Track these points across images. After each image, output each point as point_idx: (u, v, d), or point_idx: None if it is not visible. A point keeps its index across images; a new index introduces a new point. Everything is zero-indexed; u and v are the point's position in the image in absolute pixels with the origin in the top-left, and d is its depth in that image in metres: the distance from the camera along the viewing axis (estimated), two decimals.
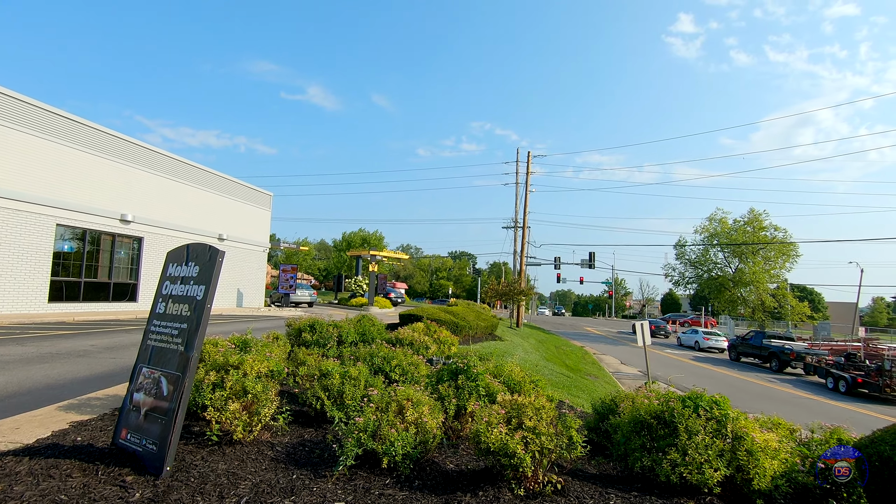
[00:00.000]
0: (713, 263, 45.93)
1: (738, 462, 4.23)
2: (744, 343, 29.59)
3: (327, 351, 8.62)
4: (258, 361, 5.28)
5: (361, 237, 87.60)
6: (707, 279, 46.00)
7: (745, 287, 43.11)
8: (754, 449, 4.22)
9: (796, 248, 42.00)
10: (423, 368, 7.17)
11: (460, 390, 5.70)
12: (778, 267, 42.64)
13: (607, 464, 5.02)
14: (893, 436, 3.95)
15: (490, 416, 4.16)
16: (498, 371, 6.63)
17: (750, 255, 42.50)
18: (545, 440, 3.92)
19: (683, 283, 49.44)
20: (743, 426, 4.44)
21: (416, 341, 9.59)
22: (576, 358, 23.37)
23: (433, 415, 4.51)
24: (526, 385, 6.31)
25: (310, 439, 5.07)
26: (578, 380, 15.62)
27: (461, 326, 16.93)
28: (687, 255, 47.65)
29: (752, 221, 42.90)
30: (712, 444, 4.27)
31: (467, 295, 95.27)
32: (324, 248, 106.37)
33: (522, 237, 35.38)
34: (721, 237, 44.33)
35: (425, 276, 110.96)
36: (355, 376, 5.67)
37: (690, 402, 4.63)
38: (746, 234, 42.58)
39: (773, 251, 41.98)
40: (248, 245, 31.09)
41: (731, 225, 44.14)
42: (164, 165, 24.48)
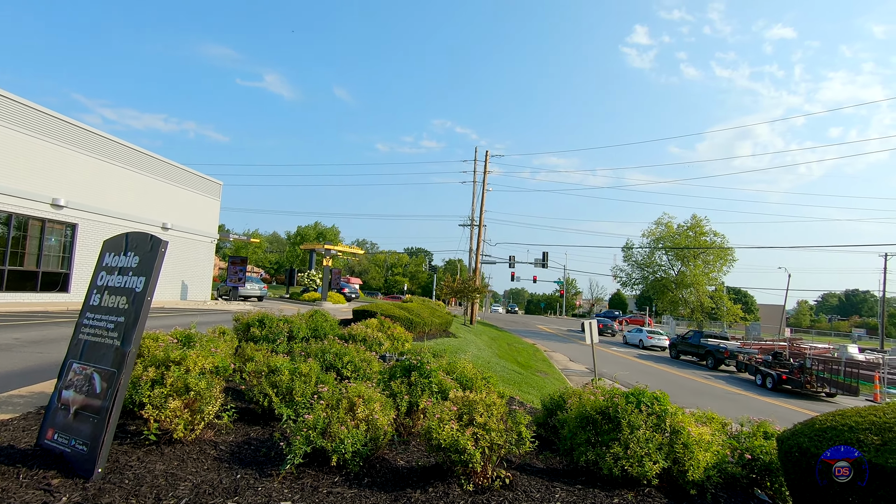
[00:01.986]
0: (658, 266, 48.15)
1: (675, 455, 4.46)
2: (683, 342, 31.20)
3: (277, 347, 8.39)
4: (202, 357, 5.06)
5: (316, 231, 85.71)
6: (652, 281, 48.16)
7: (686, 289, 45.48)
8: (690, 442, 4.46)
9: (732, 253, 44.74)
10: (375, 365, 7.11)
11: (413, 387, 5.70)
12: (716, 270, 45.27)
13: (554, 458, 5.17)
14: (811, 429, 4.27)
15: (442, 412, 4.18)
16: (451, 368, 6.67)
17: (691, 258, 44.87)
18: (495, 436, 3.98)
19: (630, 284, 51.54)
20: (680, 421, 4.69)
21: (369, 337, 9.49)
22: (527, 355, 23.88)
23: (385, 412, 4.48)
24: (478, 382, 6.40)
25: (256, 438, 4.92)
26: (529, 376, 15.97)
27: (415, 323, 16.91)
28: (634, 258, 49.72)
29: (694, 227, 45.28)
30: (652, 438, 4.48)
31: (423, 291, 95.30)
32: (276, 241, 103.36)
33: (478, 235, 35.76)
34: (666, 241, 46.53)
35: (381, 271, 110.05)
36: (306, 373, 5.55)
37: (633, 398, 4.84)
38: (689, 239, 44.91)
39: (712, 255, 44.51)
40: (194, 235, 29.73)
41: (676, 229, 46.40)
42: (104, 148, 22.97)
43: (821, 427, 4.22)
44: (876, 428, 3.83)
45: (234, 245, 76.80)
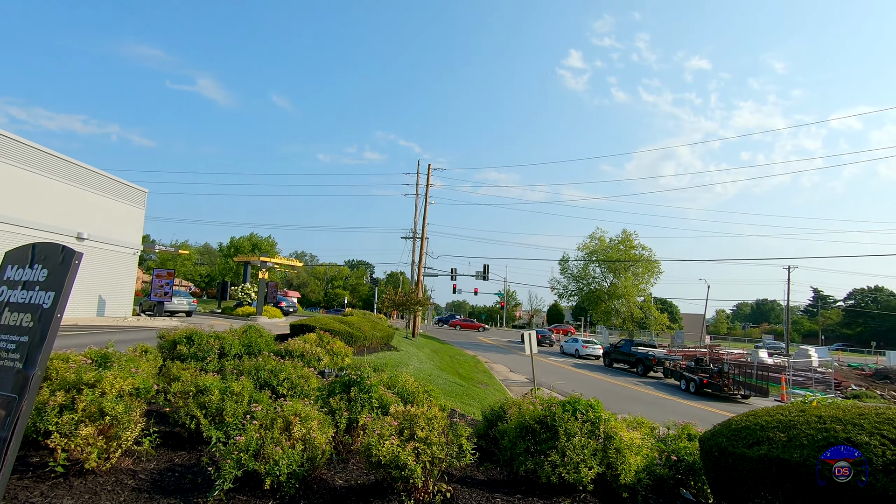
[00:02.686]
0: (592, 278, 50.35)
1: (608, 460, 4.65)
2: (616, 350, 32.70)
3: (206, 365, 7.91)
4: (121, 378, 4.68)
5: (252, 242, 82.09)
6: (587, 292, 50.25)
7: (618, 300, 47.84)
8: (622, 447, 4.67)
9: (659, 266, 47.71)
10: (313, 381, 6.88)
11: (353, 403, 5.56)
12: (644, 282, 48.03)
13: (495, 469, 5.21)
14: (728, 429, 4.60)
15: (382, 428, 4.11)
16: (392, 382, 6.58)
17: (622, 271, 47.35)
18: (436, 450, 3.96)
19: (567, 296, 53.47)
20: (613, 427, 4.90)
21: (307, 353, 9.18)
22: (468, 367, 24.04)
23: (323, 429, 4.34)
24: (419, 395, 6.35)
25: (181, 463, 4.59)
26: (470, 388, 16.07)
27: (356, 337, 16.58)
28: (570, 270, 51.72)
29: (624, 241, 47.88)
30: (588, 445, 4.64)
31: (364, 305, 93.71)
32: (208, 253, 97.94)
33: (421, 248, 35.80)
34: (599, 254, 48.81)
35: (320, 284, 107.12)
36: (238, 392, 5.27)
37: (570, 406, 5.00)
38: (620, 252, 47.41)
39: (640, 268, 47.21)
40: (115, 246, 27.55)
41: (608, 243, 48.84)
42: (9, 150, 20.87)
43: (736, 427, 4.56)
44: (783, 426, 4.19)
45: (161, 257, 71.93)
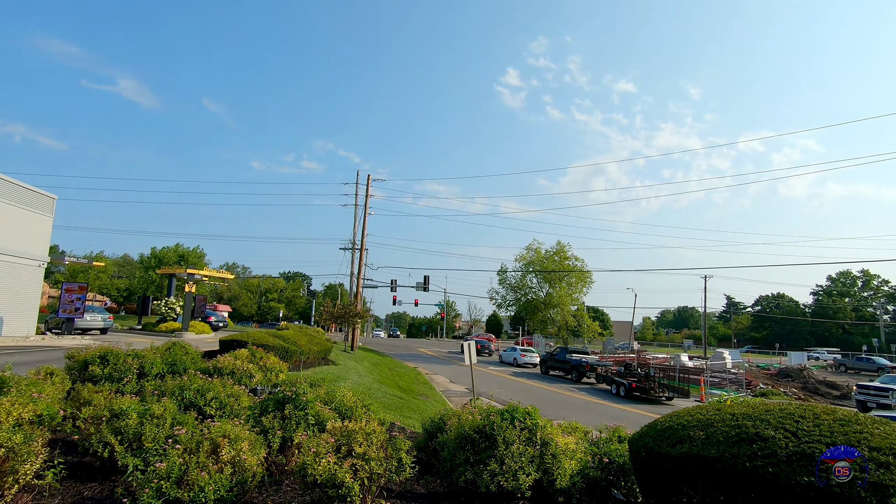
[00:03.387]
0: (529, 288, 51.86)
1: (545, 466, 4.76)
2: (552, 358, 33.72)
3: (123, 387, 7.29)
4: (20, 405, 4.20)
5: (177, 253, 77.00)
6: (524, 302, 51.63)
7: (553, 309, 49.54)
8: (558, 452, 4.80)
9: (591, 276, 50.05)
10: (245, 400, 6.53)
11: (287, 421, 5.33)
12: (578, 291, 50.14)
13: (435, 481, 5.18)
14: (654, 430, 4.86)
15: (318, 445, 3.96)
16: (329, 397, 6.39)
17: (557, 281, 49.17)
18: (375, 465, 3.88)
19: (505, 306, 54.65)
20: (549, 433, 5.03)
21: (238, 370, 8.71)
22: (409, 379, 23.84)
23: (254, 450, 4.12)
24: (358, 410, 6.21)
25: (92, 496, 4.17)
26: (411, 400, 15.92)
27: (292, 351, 15.96)
28: (508, 281, 52.98)
29: (559, 252, 49.82)
30: (525, 452, 4.73)
31: (300, 318, 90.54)
32: (127, 265, 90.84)
33: (360, 259, 35.24)
34: (535, 265, 50.42)
35: (253, 297, 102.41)
36: (159, 414, 4.89)
37: (508, 414, 5.08)
38: (555, 263, 49.25)
39: (574, 278, 49.26)
40: (15, 258, 24.85)
41: (544, 254, 50.60)
42: None
43: (661, 428, 4.83)
44: (701, 425, 4.49)
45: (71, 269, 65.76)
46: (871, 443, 3.64)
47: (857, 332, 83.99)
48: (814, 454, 3.70)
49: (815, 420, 4.10)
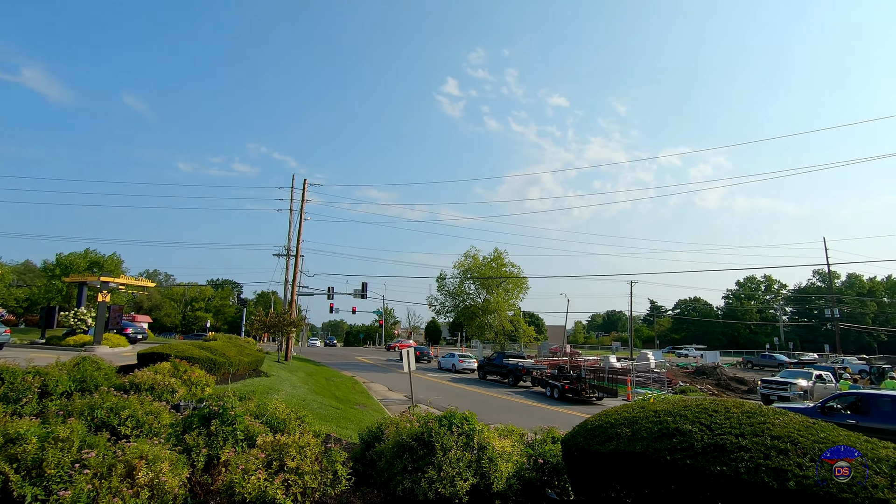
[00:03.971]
0: (467, 294, 52.50)
1: (482, 470, 4.81)
2: (489, 363, 34.27)
3: (22, 408, 6.56)
4: None
5: (88, 259, 70.53)
6: (462, 308, 52.19)
7: (490, 314, 50.47)
8: (494, 456, 4.88)
9: (527, 282, 51.55)
10: (166, 417, 6.08)
11: (213, 437, 5.02)
12: (514, 297, 51.46)
13: (373, 492, 5.08)
14: (585, 429, 5.07)
15: (248, 461, 3.77)
16: (261, 410, 6.10)
17: (495, 287, 50.18)
18: (309, 479, 3.75)
19: (444, 312, 54.98)
20: (486, 437, 5.10)
21: (158, 385, 8.11)
22: (346, 388, 23.30)
23: (176, 471, 3.84)
24: (291, 423, 5.98)
25: None
26: (347, 410, 15.56)
27: (220, 363, 15.10)
28: (447, 287, 53.37)
29: (496, 259, 50.92)
30: (463, 457, 4.76)
31: (230, 328, 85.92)
32: (29, 272, 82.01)
33: (295, 266, 34.10)
34: (473, 271, 51.19)
35: (178, 307, 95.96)
36: (65, 437, 4.43)
37: (446, 420, 5.10)
38: (492, 270, 50.27)
39: (511, 284, 50.50)
40: None
41: (482, 261, 51.49)
42: None
43: (591, 427, 5.04)
44: (627, 422, 4.75)
45: None
46: (773, 432, 4.01)
47: (761, 332, 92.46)
48: (725, 445, 4.02)
49: (726, 413, 4.46)
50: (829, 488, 3.40)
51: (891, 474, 3.40)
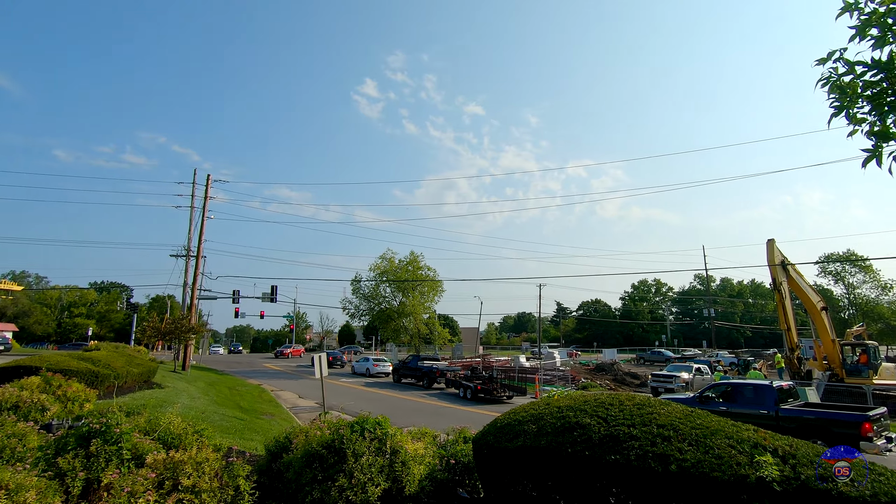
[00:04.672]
0: (383, 297, 52.05)
1: (395, 474, 4.79)
2: (404, 366, 34.24)
3: None
4: None
5: None
6: (378, 311, 51.66)
7: (406, 317, 50.48)
8: (407, 459, 4.88)
9: (442, 285, 52.27)
10: (34, 439, 5.34)
11: (93, 459, 4.49)
12: (430, 300, 51.95)
13: None
14: (495, 428, 5.25)
15: (134, 483, 3.42)
16: (152, 426, 5.58)
17: (410, 290, 50.28)
18: (207, 497, 3.49)
19: (358, 316, 54.01)
20: (399, 440, 5.09)
21: (25, 403, 7.11)
22: (251, 398, 22.02)
23: (45, 500, 3.38)
24: (188, 437, 5.53)
25: None
26: (253, 421, 14.71)
27: (103, 376, 13.58)
28: (362, 290, 52.51)
29: (412, 262, 51.07)
30: (375, 462, 4.71)
31: (117, 336, 77.42)
32: None
33: (196, 267, 31.60)
34: (389, 274, 50.89)
35: (52, 313, 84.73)
36: None
37: (358, 426, 5.01)
38: (408, 273, 50.34)
39: (426, 287, 50.91)
40: None
41: (398, 264, 51.35)
42: None
43: (501, 425, 5.23)
44: (534, 419, 4.99)
45: None
46: (658, 421, 4.43)
47: (652, 331, 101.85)
48: (619, 436, 4.37)
49: (620, 406, 4.85)
50: (702, 468, 3.83)
51: (750, 452, 3.91)
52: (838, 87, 4.10)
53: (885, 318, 60.75)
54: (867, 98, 3.98)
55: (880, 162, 3.96)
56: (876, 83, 3.90)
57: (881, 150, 3.95)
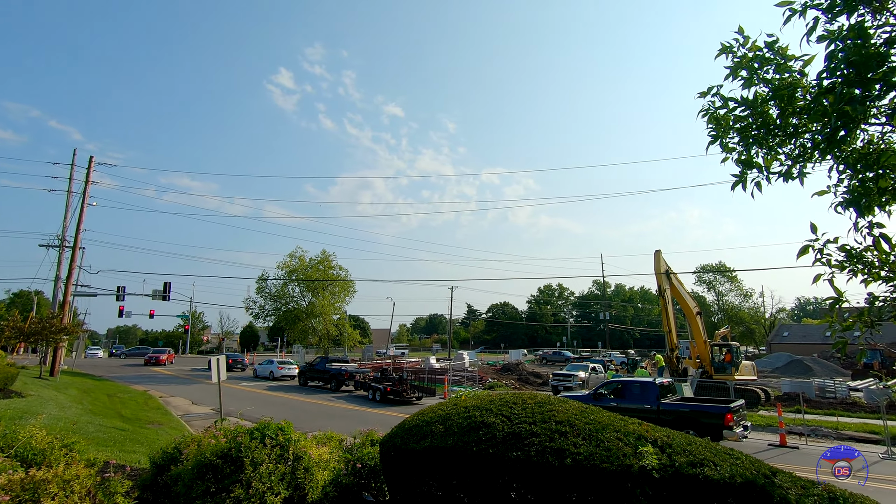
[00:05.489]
0: (291, 297, 49.86)
1: (297, 481, 4.61)
2: (311, 369, 33.06)
3: None
4: None
5: None
6: (285, 312, 49.37)
7: (315, 318, 48.79)
8: (311, 465, 4.71)
9: (354, 285, 51.25)
10: None
11: None
12: (341, 301, 50.69)
13: None
14: (403, 429, 5.25)
15: None
16: (8, 441, 4.85)
17: (321, 290, 48.69)
18: None
19: (263, 316, 51.24)
20: (303, 446, 4.90)
21: None
22: (136, 405, 19.98)
23: None
24: (55, 453, 4.88)
25: None
26: (137, 431, 13.35)
27: None
28: (268, 289, 49.88)
29: (323, 261, 49.52)
30: (276, 470, 4.49)
31: None
32: None
33: (72, 259, 28.02)
34: (299, 273, 48.90)
35: None
36: None
37: (258, 433, 4.75)
38: (319, 272, 48.72)
39: (338, 287, 49.61)
40: None
41: (308, 263, 49.51)
42: None
43: (409, 426, 5.24)
44: (441, 419, 5.06)
45: None
46: (557, 418, 4.71)
47: (554, 332, 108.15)
48: (521, 433, 4.57)
49: (523, 405, 5.08)
50: (593, 460, 4.13)
51: (634, 444, 4.29)
52: (715, 118, 4.66)
53: (746, 321, 70.28)
54: (737, 130, 4.56)
55: (745, 186, 4.56)
56: (744, 118, 4.49)
57: (746, 176, 4.56)
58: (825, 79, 3.81)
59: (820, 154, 4.19)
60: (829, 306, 4.11)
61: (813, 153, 4.26)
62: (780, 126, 4.34)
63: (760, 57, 4.33)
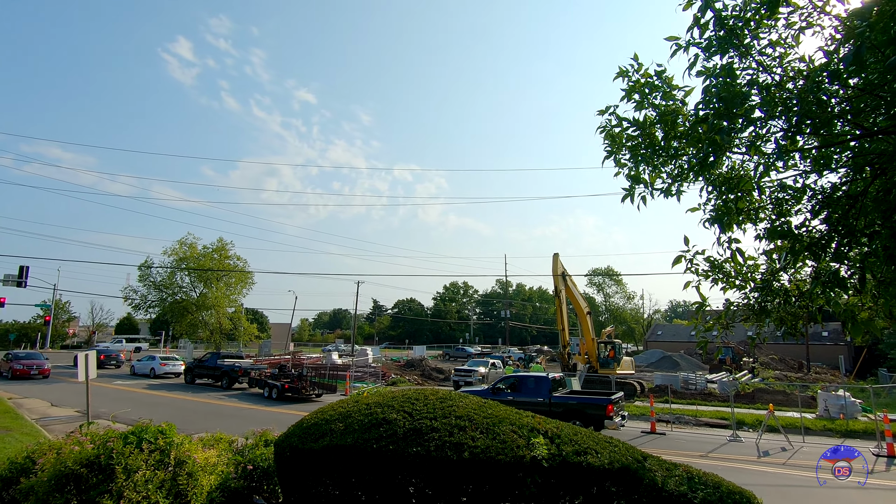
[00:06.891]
0: (179, 287, 45.71)
1: (178, 488, 4.25)
2: (200, 365, 30.66)
3: None
4: None
5: None
6: (171, 303, 45.19)
7: (207, 311, 45.20)
8: (195, 470, 4.37)
9: (252, 276, 48.29)
10: None
11: None
12: (237, 292, 47.45)
13: None
14: (300, 428, 5.06)
15: None
16: None
17: (215, 280, 45.22)
18: None
19: (145, 307, 46.46)
20: (186, 450, 4.53)
21: None
22: None
23: None
24: None
25: None
26: None
27: None
28: (152, 278, 45.28)
29: (219, 249, 46.01)
30: (154, 478, 4.10)
31: None
32: None
33: None
34: (190, 261, 44.97)
35: None
36: None
37: (134, 437, 4.31)
38: (213, 261, 45.21)
39: (234, 278, 46.42)
40: None
41: (201, 251, 45.70)
42: None
43: (307, 425, 5.07)
44: (342, 417, 4.97)
45: None
46: (457, 412, 4.85)
47: (458, 329, 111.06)
48: (422, 429, 4.63)
49: (425, 401, 5.15)
50: (489, 453, 4.32)
51: (527, 435, 4.55)
52: (611, 135, 5.09)
53: (628, 321, 77.91)
54: (628, 148, 5.02)
55: (633, 199, 5.04)
56: (635, 137, 4.96)
57: (634, 190, 5.03)
58: (701, 109, 4.33)
59: (694, 175, 4.77)
60: (695, 310, 4.69)
61: (689, 174, 4.82)
62: (664, 147, 4.85)
63: (650, 84, 4.80)
